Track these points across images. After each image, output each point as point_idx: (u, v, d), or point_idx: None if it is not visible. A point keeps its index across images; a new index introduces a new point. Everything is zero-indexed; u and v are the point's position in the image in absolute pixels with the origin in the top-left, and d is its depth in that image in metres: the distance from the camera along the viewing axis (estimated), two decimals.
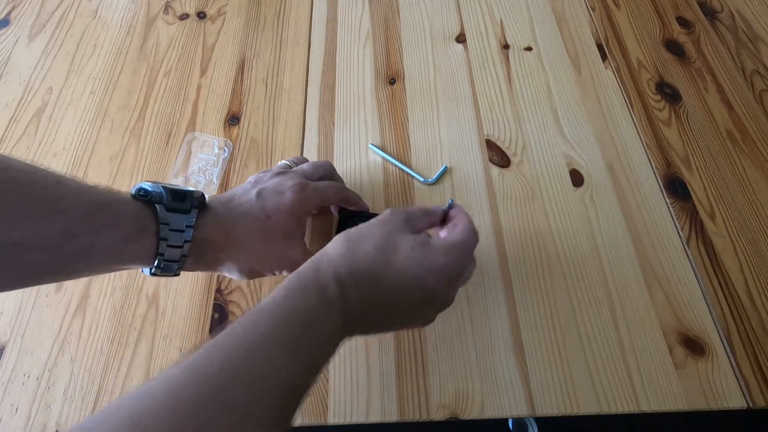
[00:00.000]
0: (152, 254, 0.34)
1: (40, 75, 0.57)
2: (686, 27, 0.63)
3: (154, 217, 0.33)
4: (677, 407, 0.38)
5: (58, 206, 0.30)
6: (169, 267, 0.35)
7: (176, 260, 0.34)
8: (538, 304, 0.43)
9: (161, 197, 0.34)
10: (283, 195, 0.38)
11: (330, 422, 0.38)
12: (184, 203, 0.34)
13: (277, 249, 0.38)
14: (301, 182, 0.39)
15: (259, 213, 0.37)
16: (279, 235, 0.37)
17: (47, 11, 0.63)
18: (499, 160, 0.51)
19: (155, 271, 0.34)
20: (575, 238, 0.46)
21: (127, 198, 0.34)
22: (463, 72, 0.58)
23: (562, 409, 0.38)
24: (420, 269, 0.32)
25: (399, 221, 0.35)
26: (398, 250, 0.32)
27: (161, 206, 0.34)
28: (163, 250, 0.33)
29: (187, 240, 0.34)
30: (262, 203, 0.37)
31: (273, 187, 0.38)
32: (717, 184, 0.50)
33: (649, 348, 0.41)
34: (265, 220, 0.37)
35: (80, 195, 0.31)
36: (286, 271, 0.38)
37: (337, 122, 0.54)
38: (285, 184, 0.38)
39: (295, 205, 0.38)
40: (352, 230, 0.34)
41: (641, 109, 0.55)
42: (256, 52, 0.59)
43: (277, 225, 0.37)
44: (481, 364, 0.40)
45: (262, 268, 0.38)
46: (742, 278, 0.44)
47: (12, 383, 0.39)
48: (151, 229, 0.33)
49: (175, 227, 0.34)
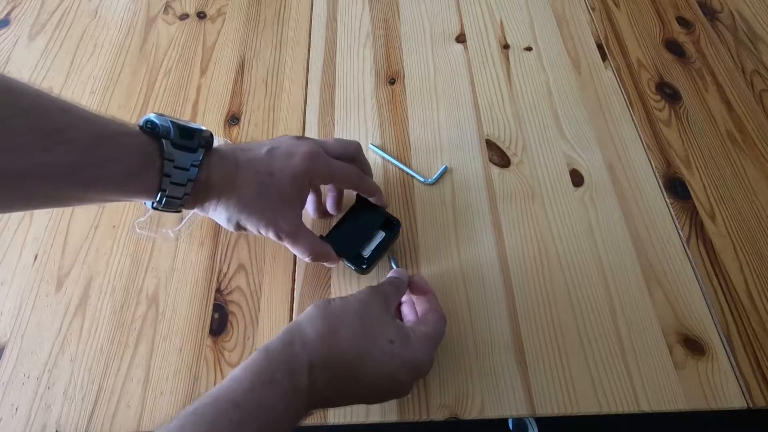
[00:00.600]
0: (155, 189, 0.33)
1: (40, 75, 0.57)
2: (686, 27, 0.63)
3: (160, 152, 0.33)
4: (677, 407, 0.38)
5: (64, 137, 0.29)
6: (171, 203, 0.34)
7: (179, 197, 0.34)
8: (538, 304, 0.43)
9: (168, 132, 0.33)
10: (292, 158, 0.37)
11: (330, 422, 0.38)
12: (192, 141, 0.34)
13: (270, 209, 0.37)
14: (315, 150, 0.38)
15: (263, 167, 0.36)
16: (275, 196, 0.36)
17: (47, 11, 0.63)
18: (499, 160, 0.51)
19: (158, 206, 0.34)
20: (575, 238, 0.46)
21: (134, 130, 0.33)
22: (463, 72, 0.58)
23: (562, 409, 0.38)
24: (395, 363, 0.32)
25: (379, 303, 0.34)
26: (376, 342, 0.32)
27: (167, 141, 0.33)
28: (165, 186, 0.33)
29: (191, 179, 0.34)
30: (270, 160, 0.36)
31: (286, 147, 0.37)
32: (717, 184, 0.50)
33: (649, 348, 0.41)
34: (267, 176, 0.36)
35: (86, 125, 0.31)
36: (272, 235, 0.37)
37: (337, 122, 0.54)
38: (298, 148, 0.37)
39: (301, 171, 0.37)
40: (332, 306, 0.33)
41: (641, 109, 0.55)
42: (256, 52, 0.59)
43: (277, 185, 0.36)
44: (481, 364, 0.40)
45: (249, 223, 0.37)
46: (742, 278, 0.44)
47: (12, 383, 0.39)
48: (156, 165, 0.33)
49: (179, 165, 0.33)
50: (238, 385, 0.28)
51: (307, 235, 0.39)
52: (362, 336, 0.32)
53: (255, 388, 0.28)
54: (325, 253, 0.40)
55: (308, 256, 0.39)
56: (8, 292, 0.43)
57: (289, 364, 0.29)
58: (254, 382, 0.28)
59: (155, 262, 0.45)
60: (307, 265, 0.45)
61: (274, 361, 0.29)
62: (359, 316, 0.32)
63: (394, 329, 0.33)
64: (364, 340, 0.32)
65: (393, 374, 0.32)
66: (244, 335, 0.41)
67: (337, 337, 0.31)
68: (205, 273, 0.44)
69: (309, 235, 0.39)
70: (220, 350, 0.41)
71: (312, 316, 0.32)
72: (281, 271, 0.45)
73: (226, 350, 0.41)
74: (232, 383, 0.28)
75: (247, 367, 0.29)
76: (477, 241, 0.46)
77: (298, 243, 0.38)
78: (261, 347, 0.30)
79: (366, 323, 0.32)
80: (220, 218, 0.37)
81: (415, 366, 0.33)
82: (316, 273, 0.45)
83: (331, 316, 0.32)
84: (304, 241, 0.38)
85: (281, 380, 0.28)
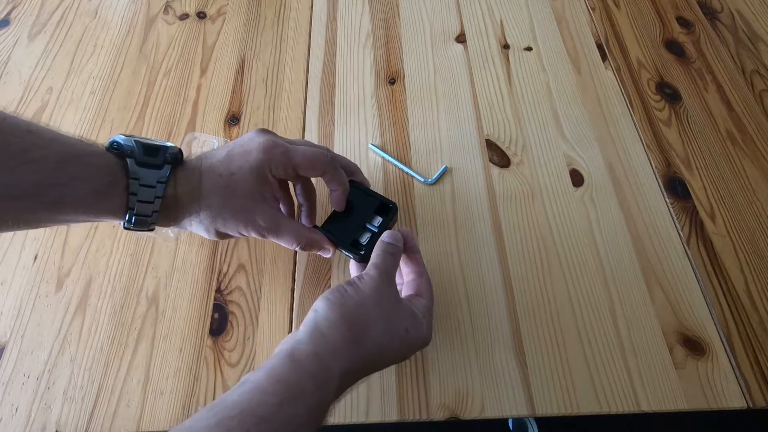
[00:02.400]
0: (123, 208, 0.33)
1: (40, 75, 0.57)
2: (686, 27, 0.62)
3: (125, 171, 0.33)
4: (677, 407, 0.38)
5: (29, 156, 0.29)
6: (142, 222, 0.34)
7: (148, 215, 0.34)
8: (538, 304, 0.43)
9: (133, 151, 0.33)
10: (249, 153, 0.36)
11: (330, 422, 0.38)
12: (157, 158, 0.34)
13: (242, 209, 0.36)
14: (271, 141, 0.37)
15: (223, 170, 0.36)
16: (242, 195, 0.36)
17: (47, 11, 0.63)
18: (499, 160, 0.51)
19: (128, 225, 0.34)
20: (575, 238, 0.46)
21: (100, 150, 0.33)
22: (463, 72, 0.58)
23: (562, 409, 0.38)
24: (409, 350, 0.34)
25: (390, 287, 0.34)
26: (395, 335, 0.32)
27: (132, 160, 0.33)
28: (132, 205, 0.33)
29: (158, 196, 0.33)
30: (229, 161, 0.36)
31: (243, 144, 0.37)
32: (717, 184, 0.50)
33: (649, 348, 0.41)
34: (228, 177, 0.35)
35: (52, 145, 0.31)
36: (254, 233, 0.37)
37: (337, 122, 0.54)
38: (253, 142, 0.37)
39: (259, 164, 0.36)
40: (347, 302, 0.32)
41: (641, 109, 0.55)
42: (256, 52, 0.59)
43: (241, 183, 0.35)
44: (481, 364, 0.40)
45: (228, 229, 0.37)
46: (742, 278, 0.44)
47: (12, 383, 0.39)
48: (121, 184, 0.33)
49: (145, 182, 0.33)
50: (264, 399, 0.27)
51: (289, 225, 0.38)
52: (386, 335, 0.32)
53: (283, 404, 0.27)
54: (314, 240, 0.39)
55: (296, 246, 0.39)
56: (8, 292, 0.43)
57: (318, 377, 0.28)
58: (282, 397, 0.27)
59: (155, 262, 0.45)
60: (307, 265, 0.45)
61: (303, 374, 0.28)
62: (379, 311, 0.32)
63: (407, 315, 0.33)
64: (386, 338, 0.32)
65: (404, 357, 0.34)
66: (244, 335, 0.41)
67: (364, 340, 0.31)
68: (205, 273, 0.44)
69: (291, 225, 0.38)
70: (220, 350, 0.41)
71: (331, 319, 0.31)
72: (281, 271, 0.45)
73: (226, 350, 0.41)
74: (258, 395, 0.27)
75: (272, 377, 0.28)
76: (477, 241, 0.46)
77: (281, 235, 0.38)
78: (285, 353, 0.29)
79: (387, 318, 0.32)
80: (200, 231, 0.37)
81: (422, 344, 0.35)
82: (316, 272, 0.45)
83: (352, 317, 0.31)
84: (287, 232, 0.38)
85: (310, 394, 0.27)
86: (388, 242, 0.37)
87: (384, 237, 0.37)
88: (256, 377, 0.28)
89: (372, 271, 0.34)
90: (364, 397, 0.39)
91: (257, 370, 0.28)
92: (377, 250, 0.36)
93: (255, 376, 0.28)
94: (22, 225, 0.33)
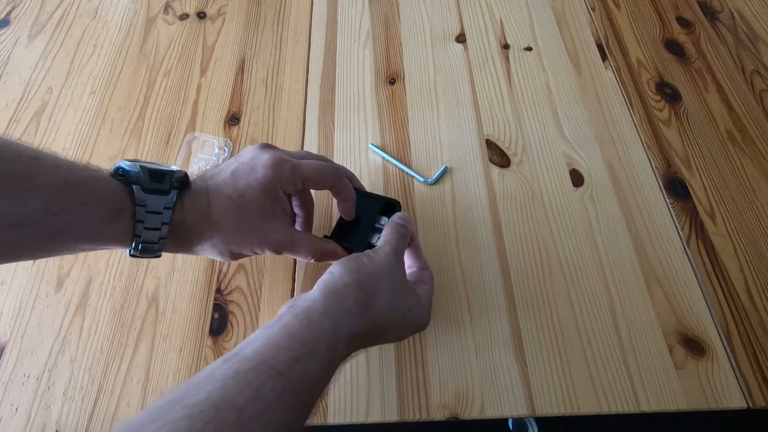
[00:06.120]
0: (130, 236, 0.33)
1: (40, 75, 0.57)
2: (686, 27, 0.63)
3: (131, 197, 0.32)
4: (677, 407, 0.38)
5: (33, 183, 0.29)
6: (148, 249, 0.33)
7: (155, 242, 0.33)
8: (538, 304, 0.43)
9: (139, 177, 0.33)
10: (256, 171, 0.36)
11: (330, 422, 0.38)
12: (163, 183, 0.33)
13: (254, 229, 0.36)
14: (277, 157, 0.36)
15: (232, 192, 0.35)
16: (253, 215, 0.36)
17: (47, 11, 0.63)
18: (499, 160, 0.51)
19: (134, 252, 0.33)
20: (575, 238, 0.46)
21: (106, 176, 0.33)
22: (463, 72, 0.58)
23: (562, 409, 0.38)
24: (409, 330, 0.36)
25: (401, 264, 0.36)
26: (399, 311, 0.34)
27: (138, 187, 0.32)
28: (140, 232, 0.32)
29: (165, 222, 0.33)
30: (236, 181, 0.36)
31: (248, 161, 0.36)
32: (717, 184, 0.50)
33: (649, 348, 0.41)
34: (238, 199, 0.35)
35: (56, 171, 0.30)
36: (268, 251, 0.37)
37: (337, 122, 0.54)
38: (259, 159, 0.36)
39: (269, 181, 0.35)
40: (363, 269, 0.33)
41: (641, 109, 0.55)
42: (256, 52, 0.59)
43: (251, 204, 0.35)
44: (481, 364, 0.40)
45: (242, 249, 0.37)
46: (742, 278, 0.44)
47: (12, 383, 0.39)
48: (128, 211, 0.32)
49: (152, 209, 0.33)
50: (279, 353, 0.27)
51: (303, 240, 0.38)
52: (391, 306, 0.33)
53: (299, 359, 0.27)
54: (329, 250, 0.39)
55: (312, 258, 0.39)
56: (8, 292, 0.43)
57: (330, 337, 0.29)
58: (297, 353, 0.27)
59: (155, 262, 0.45)
60: (307, 265, 0.45)
61: (317, 333, 0.29)
62: (389, 283, 0.33)
63: (413, 296, 0.35)
64: (391, 309, 0.33)
65: (402, 336, 0.37)
66: (244, 335, 0.41)
67: (373, 307, 0.32)
68: (205, 273, 0.44)
69: (306, 239, 0.38)
70: (220, 350, 0.41)
71: (347, 283, 0.32)
72: (281, 271, 0.45)
73: (226, 350, 0.41)
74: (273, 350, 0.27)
75: (288, 333, 0.28)
76: (477, 241, 0.46)
77: (297, 250, 0.38)
78: (300, 311, 0.29)
79: (394, 291, 0.34)
80: (213, 255, 0.37)
81: (420, 327, 0.37)
82: (316, 273, 0.45)
83: (365, 284, 0.32)
84: (302, 246, 0.38)
85: (323, 353, 0.28)
86: (400, 223, 0.38)
87: (395, 218, 0.39)
88: (270, 333, 0.28)
89: (386, 247, 0.35)
90: (364, 397, 0.39)
91: (269, 327, 0.29)
92: (389, 228, 0.37)
93: (268, 331, 0.28)
94: (27, 254, 0.32)
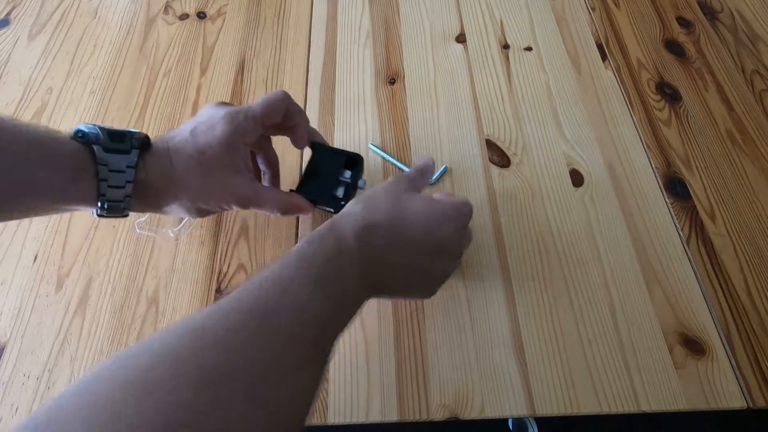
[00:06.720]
0: (94, 195, 0.34)
1: (40, 75, 0.57)
2: (686, 27, 0.63)
3: (92, 157, 0.33)
4: (677, 407, 0.39)
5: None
6: (114, 208, 0.34)
7: (120, 200, 0.34)
8: (538, 304, 0.43)
9: (98, 138, 0.34)
10: (214, 128, 0.37)
11: (330, 422, 0.38)
12: (124, 143, 0.34)
13: (218, 185, 0.37)
14: (232, 110, 0.37)
15: (192, 150, 0.36)
16: (216, 171, 0.37)
17: (47, 11, 0.63)
18: (499, 160, 0.51)
19: (100, 212, 0.34)
20: (575, 238, 0.46)
21: (66, 138, 0.34)
22: (463, 72, 0.58)
23: (562, 409, 0.38)
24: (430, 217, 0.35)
25: (405, 184, 0.37)
26: (409, 206, 0.35)
27: (99, 147, 0.33)
28: (104, 191, 0.33)
29: (129, 180, 0.34)
30: (195, 139, 0.36)
31: (205, 120, 0.37)
32: (717, 184, 0.50)
33: (649, 348, 0.41)
34: (199, 156, 0.36)
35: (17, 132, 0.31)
36: (235, 206, 0.38)
37: (337, 122, 0.54)
38: (216, 116, 0.37)
39: (227, 135, 0.36)
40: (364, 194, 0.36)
41: (641, 109, 0.55)
42: (256, 52, 0.59)
43: (212, 160, 0.36)
44: (481, 364, 0.40)
45: (209, 205, 0.38)
46: (742, 278, 0.44)
47: (12, 383, 0.39)
48: (90, 170, 0.33)
49: (114, 168, 0.34)
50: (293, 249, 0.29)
51: (268, 193, 0.39)
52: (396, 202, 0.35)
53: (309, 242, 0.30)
54: (295, 204, 0.40)
55: (278, 212, 0.39)
56: (8, 292, 0.43)
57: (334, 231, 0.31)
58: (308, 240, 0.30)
59: (155, 262, 0.45)
60: None
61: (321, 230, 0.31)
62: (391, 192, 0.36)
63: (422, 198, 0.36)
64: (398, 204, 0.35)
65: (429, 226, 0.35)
66: None
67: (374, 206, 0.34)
68: (205, 273, 0.44)
69: (271, 192, 0.39)
70: None
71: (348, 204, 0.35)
72: None
73: None
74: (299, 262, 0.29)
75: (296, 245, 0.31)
76: (477, 241, 0.46)
77: (262, 204, 0.39)
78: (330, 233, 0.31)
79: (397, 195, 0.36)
80: (180, 213, 0.38)
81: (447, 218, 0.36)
82: None
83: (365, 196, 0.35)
84: (268, 199, 0.39)
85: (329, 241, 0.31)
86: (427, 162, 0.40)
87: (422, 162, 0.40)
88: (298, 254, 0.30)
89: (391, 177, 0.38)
90: (364, 397, 0.39)
91: None
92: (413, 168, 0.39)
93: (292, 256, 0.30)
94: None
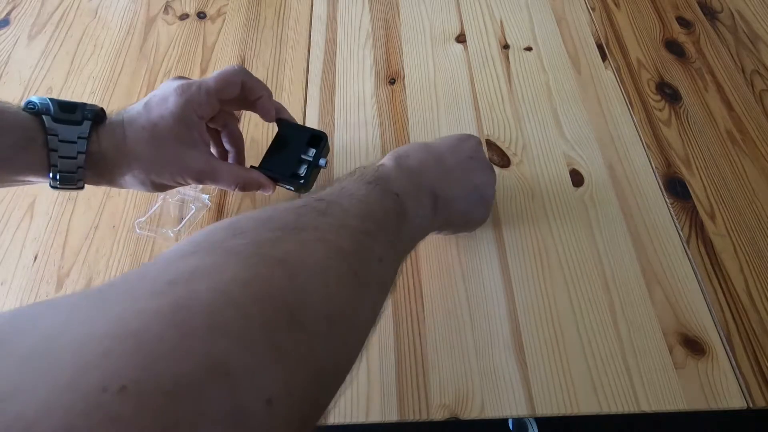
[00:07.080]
0: (45, 165, 0.34)
1: (40, 75, 0.57)
2: (686, 27, 0.62)
3: (42, 127, 0.33)
4: (677, 407, 0.38)
5: None
6: (68, 179, 0.34)
7: (73, 171, 0.34)
8: (538, 304, 0.43)
9: (48, 108, 0.34)
10: (167, 100, 0.36)
11: (330, 422, 0.38)
12: (75, 114, 0.34)
13: (172, 157, 0.37)
14: (184, 84, 0.37)
15: (145, 122, 0.36)
16: (170, 143, 0.36)
17: (47, 11, 0.63)
18: (499, 160, 0.51)
19: (54, 183, 0.34)
20: (575, 238, 0.46)
21: (15, 109, 0.34)
22: (463, 72, 0.58)
23: (562, 409, 0.38)
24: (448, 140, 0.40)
25: None
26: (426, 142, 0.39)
27: (48, 117, 0.34)
28: (54, 161, 0.33)
29: (80, 151, 0.34)
30: (149, 111, 0.36)
31: (160, 93, 0.37)
32: (717, 184, 0.50)
33: (649, 348, 0.41)
34: (152, 128, 0.36)
35: None
36: (190, 180, 0.38)
37: (337, 122, 0.54)
38: (170, 89, 0.37)
39: (180, 108, 0.36)
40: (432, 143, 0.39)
41: (641, 109, 0.55)
42: (256, 52, 0.59)
43: (166, 132, 0.36)
44: (481, 364, 0.40)
45: (163, 178, 0.37)
46: (742, 278, 0.44)
47: None
48: (39, 140, 0.33)
49: (65, 138, 0.34)
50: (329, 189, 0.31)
51: (224, 167, 0.38)
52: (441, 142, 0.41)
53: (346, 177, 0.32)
54: (253, 180, 0.40)
55: (235, 187, 0.39)
56: (8, 292, 0.43)
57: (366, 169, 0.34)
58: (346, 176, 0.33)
59: None
60: None
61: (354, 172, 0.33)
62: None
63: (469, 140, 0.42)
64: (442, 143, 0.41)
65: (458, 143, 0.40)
66: None
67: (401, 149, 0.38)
68: None
69: (227, 166, 0.39)
70: None
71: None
72: None
73: None
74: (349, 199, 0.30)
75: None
76: (477, 242, 0.46)
77: (218, 179, 0.38)
78: None
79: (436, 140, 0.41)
80: (136, 186, 0.37)
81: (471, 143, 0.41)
82: None
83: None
84: (223, 174, 0.38)
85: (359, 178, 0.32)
86: None
87: None
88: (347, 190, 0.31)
89: None
90: (364, 397, 0.39)
91: None
92: None
93: None
94: None
